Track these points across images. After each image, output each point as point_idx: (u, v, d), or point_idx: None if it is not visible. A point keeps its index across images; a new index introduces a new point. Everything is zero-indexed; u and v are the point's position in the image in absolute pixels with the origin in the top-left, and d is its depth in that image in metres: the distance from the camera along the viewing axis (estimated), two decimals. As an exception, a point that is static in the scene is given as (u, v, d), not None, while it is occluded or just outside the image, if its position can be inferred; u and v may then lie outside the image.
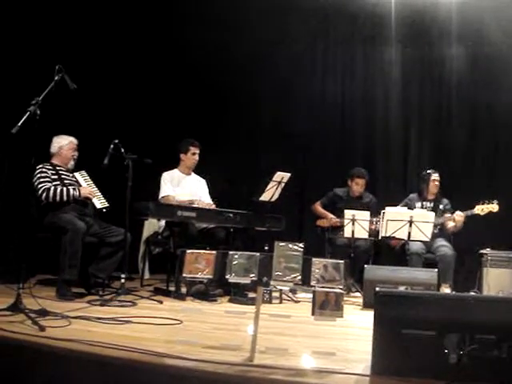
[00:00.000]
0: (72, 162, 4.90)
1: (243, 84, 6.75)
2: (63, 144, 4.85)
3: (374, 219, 5.45)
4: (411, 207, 5.64)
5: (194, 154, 5.46)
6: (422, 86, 6.79)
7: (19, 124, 3.40)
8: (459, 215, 5.47)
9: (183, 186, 5.47)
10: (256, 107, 6.89)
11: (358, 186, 6.07)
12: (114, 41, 6.37)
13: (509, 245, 5.46)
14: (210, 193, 5.69)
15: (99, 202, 4.86)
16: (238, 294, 4.64)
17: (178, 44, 6.74)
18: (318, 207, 6.21)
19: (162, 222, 5.29)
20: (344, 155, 6.92)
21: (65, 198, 4.62)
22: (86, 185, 4.90)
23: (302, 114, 6.92)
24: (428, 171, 5.89)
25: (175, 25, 6.66)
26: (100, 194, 4.93)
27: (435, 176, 5.84)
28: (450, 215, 5.60)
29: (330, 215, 6.05)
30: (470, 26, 6.30)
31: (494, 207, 5.39)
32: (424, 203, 5.84)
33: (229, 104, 6.87)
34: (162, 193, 5.35)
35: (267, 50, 6.85)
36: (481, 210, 5.41)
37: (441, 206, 5.77)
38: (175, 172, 5.51)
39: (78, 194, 4.70)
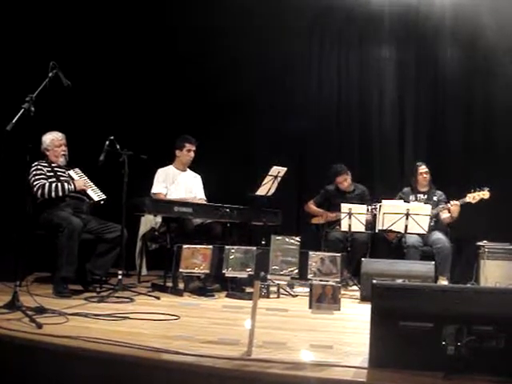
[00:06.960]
0: (61, 159, 4.83)
1: (239, 81, 6.74)
2: (47, 143, 4.80)
3: (373, 206, 5.41)
4: (406, 201, 5.63)
5: (189, 150, 5.41)
6: (418, 82, 6.77)
7: (13, 121, 3.38)
8: (454, 204, 5.47)
9: (178, 183, 5.45)
10: (252, 104, 6.87)
11: (342, 184, 6.01)
12: (109, 37, 6.36)
13: (505, 236, 5.47)
14: (207, 189, 5.67)
15: (96, 195, 4.85)
16: (235, 288, 4.64)
17: (174, 41, 6.73)
18: (312, 206, 6.20)
19: (159, 218, 5.28)
20: (341, 150, 6.93)
21: (60, 193, 4.61)
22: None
23: (299, 110, 6.92)
24: (416, 164, 5.90)
25: (170, 22, 6.65)
26: (95, 187, 4.92)
27: (422, 168, 5.84)
28: (444, 205, 5.60)
29: (324, 211, 6.04)
30: (464, 22, 6.30)
31: (484, 194, 5.37)
32: (418, 196, 5.83)
33: (225, 101, 6.84)
34: (154, 189, 5.34)
35: (263, 47, 6.84)
36: (472, 197, 5.40)
37: (435, 198, 5.77)
38: (170, 168, 5.48)
39: (73, 187, 4.69)
